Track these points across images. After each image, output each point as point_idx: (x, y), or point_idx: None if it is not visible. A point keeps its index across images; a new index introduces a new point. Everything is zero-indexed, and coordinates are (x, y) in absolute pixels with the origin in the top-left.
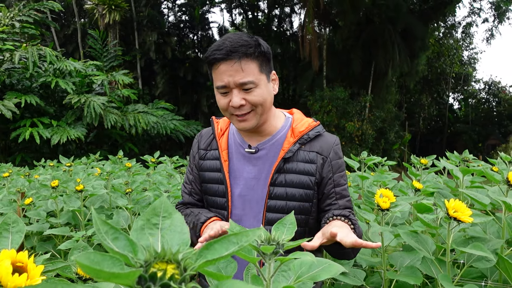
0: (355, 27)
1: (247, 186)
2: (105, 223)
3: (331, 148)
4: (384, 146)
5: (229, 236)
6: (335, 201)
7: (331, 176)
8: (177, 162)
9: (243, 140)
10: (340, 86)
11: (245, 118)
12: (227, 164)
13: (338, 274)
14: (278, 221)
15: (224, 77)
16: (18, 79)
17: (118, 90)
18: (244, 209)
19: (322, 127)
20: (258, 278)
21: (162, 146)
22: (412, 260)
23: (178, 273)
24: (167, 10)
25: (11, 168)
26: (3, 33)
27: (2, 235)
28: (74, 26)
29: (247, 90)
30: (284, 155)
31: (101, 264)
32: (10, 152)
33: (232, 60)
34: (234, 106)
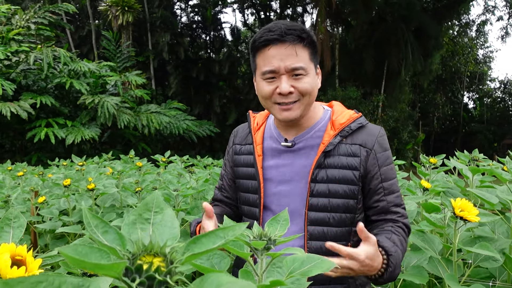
0: (367, 26)
1: (284, 182)
2: (96, 217)
3: (375, 139)
4: (397, 146)
5: (216, 231)
6: (383, 197)
7: (377, 170)
8: (187, 162)
9: (279, 134)
10: (353, 85)
11: (289, 107)
12: (261, 159)
13: (329, 270)
14: (271, 218)
15: (274, 61)
16: (33, 80)
17: (131, 91)
18: (280, 205)
19: (365, 119)
20: (248, 273)
21: (175, 146)
22: (419, 260)
23: (164, 265)
24: (180, 11)
25: (26, 167)
26: (19, 35)
27: (3, 230)
28: (88, 27)
29: (297, 76)
30: (324, 149)
31: (88, 256)
32: (26, 152)
33: (286, 43)
34: (283, 93)
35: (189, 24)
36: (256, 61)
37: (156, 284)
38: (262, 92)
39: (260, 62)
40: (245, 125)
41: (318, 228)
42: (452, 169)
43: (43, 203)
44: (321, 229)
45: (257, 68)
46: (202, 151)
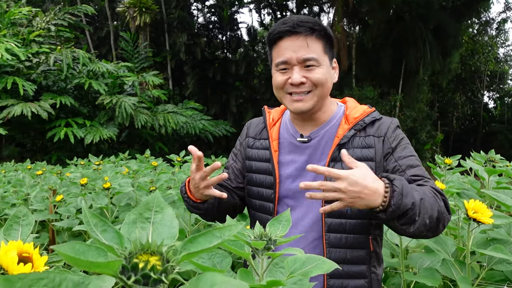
0: (384, 25)
1: (300, 176)
2: (95, 216)
3: (387, 127)
4: (415, 146)
5: (213, 230)
6: (401, 173)
7: (390, 151)
8: None
9: (295, 130)
10: (370, 85)
11: (301, 98)
12: (277, 155)
13: (330, 270)
14: (273, 218)
15: (287, 52)
16: (53, 81)
17: (148, 91)
18: (296, 200)
19: (379, 113)
20: (248, 272)
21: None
22: (432, 262)
23: (160, 264)
24: (197, 12)
25: (45, 167)
26: (40, 37)
27: (12, 228)
28: (107, 28)
29: (309, 67)
30: (339, 142)
31: (85, 254)
32: (46, 151)
33: (298, 34)
34: (294, 83)
35: (205, 24)
36: (271, 54)
37: (151, 282)
38: (275, 82)
39: (275, 54)
40: (259, 119)
41: (336, 221)
42: (468, 170)
43: (61, 202)
44: (339, 221)
45: (272, 60)
46: (218, 151)
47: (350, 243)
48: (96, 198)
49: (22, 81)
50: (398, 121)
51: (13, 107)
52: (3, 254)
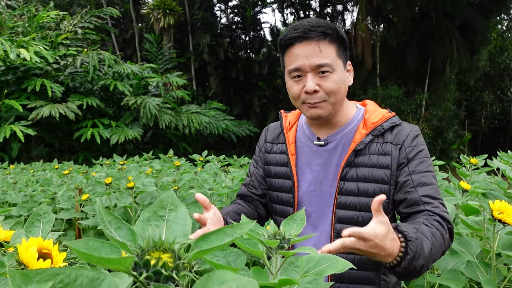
0: (410, 22)
1: (316, 181)
2: (109, 213)
3: (406, 135)
4: (441, 146)
5: (225, 228)
6: (411, 189)
7: (405, 162)
8: (224, 161)
9: (312, 133)
10: (394, 84)
11: (317, 105)
12: (294, 158)
13: (344, 270)
14: (288, 217)
15: (299, 59)
16: (80, 82)
17: (172, 92)
18: (312, 205)
19: (399, 118)
20: (262, 271)
21: (215, 145)
22: (456, 264)
23: (171, 261)
24: (220, 12)
25: (72, 166)
26: (67, 40)
27: (34, 225)
28: (132, 30)
29: (323, 73)
30: (355, 148)
31: (99, 251)
32: (74, 151)
33: (310, 40)
34: (308, 91)
35: (228, 25)
36: (284, 60)
37: (162, 279)
38: (291, 93)
39: (287, 61)
40: (276, 124)
41: (346, 227)
42: (495, 170)
43: (86, 200)
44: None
45: (285, 67)
46: (242, 151)
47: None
48: (120, 197)
49: (50, 83)
50: (419, 129)
51: (42, 108)
52: (23, 250)
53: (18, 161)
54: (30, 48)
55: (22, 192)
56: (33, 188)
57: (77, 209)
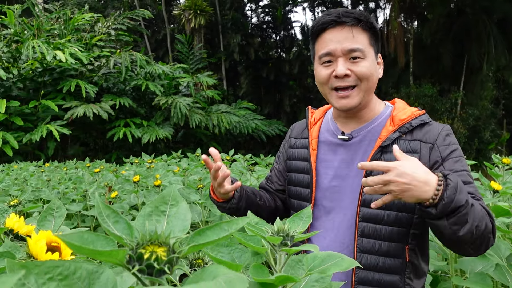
0: (444, 19)
1: (338, 176)
2: (108, 208)
3: (437, 134)
4: (478, 146)
5: (221, 224)
6: None
7: (440, 162)
8: (250, 160)
9: (337, 128)
10: (428, 82)
11: (347, 94)
12: (315, 154)
13: (349, 268)
14: (294, 214)
15: (331, 43)
16: (113, 83)
17: (202, 91)
18: (333, 201)
19: (429, 117)
20: (263, 267)
21: (246, 145)
22: (484, 267)
23: (165, 255)
24: (250, 12)
25: (103, 164)
26: (101, 41)
27: (46, 219)
28: (164, 31)
29: (354, 59)
30: (381, 144)
31: (94, 244)
32: (107, 150)
33: (343, 25)
34: (338, 75)
35: (259, 24)
36: (315, 47)
37: (155, 272)
38: (319, 77)
39: (318, 47)
40: (304, 121)
41: (371, 225)
42: None
43: (115, 198)
44: (373, 227)
45: (316, 53)
46: (272, 150)
47: (384, 251)
48: (148, 195)
49: (85, 84)
50: (450, 128)
51: (76, 108)
52: (33, 243)
53: (54, 160)
54: (66, 50)
55: (55, 190)
56: (66, 186)
57: None
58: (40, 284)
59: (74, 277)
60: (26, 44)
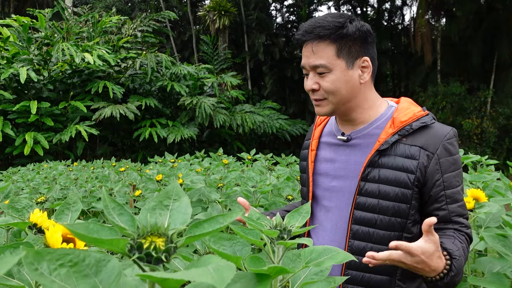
0: (474, 16)
1: (337, 177)
2: (113, 201)
3: (439, 142)
4: (508, 146)
5: (217, 217)
6: (444, 206)
7: (439, 176)
8: (271, 160)
9: (338, 128)
10: (457, 80)
11: (319, 103)
12: (314, 154)
13: (345, 261)
14: (294, 210)
15: (303, 58)
16: (139, 84)
17: (227, 92)
18: (332, 201)
19: (432, 118)
20: (260, 259)
21: (270, 144)
22: (502, 267)
23: (163, 245)
24: (275, 12)
25: (128, 164)
26: (128, 43)
27: (63, 213)
28: (189, 32)
29: (320, 74)
30: (379, 147)
31: (99, 233)
32: (133, 150)
33: (307, 42)
34: (306, 89)
35: (284, 24)
36: None
37: (153, 260)
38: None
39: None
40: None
41: (363, 228)
42: None
43: (139, 196)
44: (366, 230)
45: None
46: (296, 150)
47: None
48: None
49: (112, 85)
50: (454, 133)
51: (104, 109)
52: (50, 235)
53: (83, 159)
54: (94, 52)
55: (83, 188)
56: (92, 184)
57: (131, 204)
58: (52, 269)
59: (83, 264)
60: (56, 47)
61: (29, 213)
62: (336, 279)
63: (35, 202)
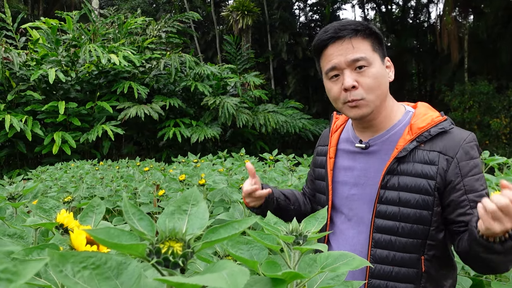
0: (502, 12)
1: (357, 185)
2: (134, 207)
3: (459, 146)
4: None
5: (233, 222)
6: (469, 211)
7: (460, 180)
8: (293, 160)
9: (355, 136)
10: (484, 79)
11: (357, 103)
12: (332, 161)
13: (360, 267)
14: (310, 215)
15: (334, 58)
16: (164, 84)
17: (250, 91)
18: (352, 209)
19: (450, 123)
20: (276, 264)
21: (293, 144)
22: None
23: (181, 250)
24: (299, 11)
25: (152, 163)
26: (152, 44)
27: (88, 215)
28: (213, 32)
29: (360, 68)
30: (397, 155)
31: (119, 238)
32: (158, 149)
33: (341, 39)
34: (346, 87)
35: (307, 23)
36: (320, 64)
37: (171, 265)
38: (331, 94)
39: (323, 63)
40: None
41: (385, 237)
42: None
43: (162, 196)
44: (388, 238)
45: (322, 70)
46: None
47: (398, 261)
48: None
49: (137, 85)
50: (473, 137)
51: (129, 109)
52: (75, 237)
53: (109, 159)
54: (120, 53)
55: (108, 187)
56: (118, 183)
57: (154, 204)
58: (76, 271)
59: (105, 266)
60: (83, 48)
61: (56, 213)
62: (353, 283)
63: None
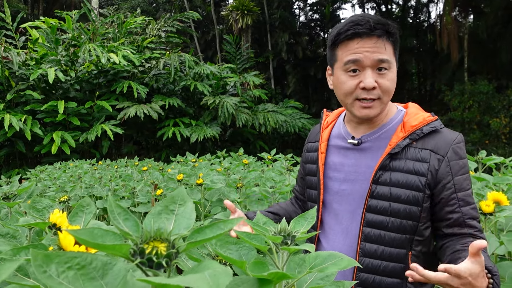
0: (502, 12)
1: (347, 180)
2: (119, 206)
3: (449, 146)
4: None
5: (218, 223)
6: (457, 209)
7: (450, 179)
8: (291, 160)
9: (347, 132)
10: (484, 79)
11: (371, 104)
12: (323, 157)
13: (348, 267)
14: (299, 215)
15: (359, 51)
16: (163, 84)
17: (249, 91)
18: (342, 204)
19: (441, 123)
20: (262, 263)
21: (293, 143)
22: None
23: (165, 250)
24: (298, 11)
25: (151, 163)
26: (152, 43)
27: (77, 215)
28: (213, 32)
29: (380, 70)
30: (390, 151)
31: (103, 238)
32: (157, 149)
33: (375, 37)
34: (367, 87)
35: (307, 23)
36: (336, 53)
37: (155, 265)
38: (344, 87)
39: (342, 53)
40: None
41: (375, 231)
42: None
43: (160, 195)
44: (377, 232)
45: (337, 60)
46: None
47: (386, 255)
48: (191, 193)
49: (136, 85)
50: (462, 138)
51: (129, 108)
52: (63, 237)
53: (108, 158)
54: (119, 52)
55: (106, 187)
56: (116, 183)
57: (153, 204)
58: (60, 272)
59: (90, 267)
60: (82, 48)
61: (50, 213)
62: (345, 283)
63: (58, 201)
